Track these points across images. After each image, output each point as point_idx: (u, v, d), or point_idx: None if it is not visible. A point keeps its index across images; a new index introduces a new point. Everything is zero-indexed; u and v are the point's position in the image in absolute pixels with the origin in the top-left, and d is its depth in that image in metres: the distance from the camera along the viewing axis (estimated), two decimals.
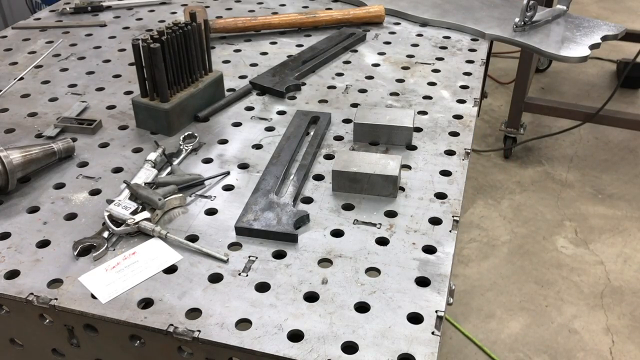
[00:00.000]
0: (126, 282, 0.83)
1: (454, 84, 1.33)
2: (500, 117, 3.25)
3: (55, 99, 1.30)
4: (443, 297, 0.81)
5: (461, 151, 1.10)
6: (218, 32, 1.55)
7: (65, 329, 0.83)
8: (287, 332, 0.76)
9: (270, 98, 1.30)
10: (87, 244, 0.89)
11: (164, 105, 1.15)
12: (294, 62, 1.41)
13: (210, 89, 1.24)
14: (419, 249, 0.89)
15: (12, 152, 1.00)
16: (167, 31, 1.12)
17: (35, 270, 0.86)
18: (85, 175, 1.06)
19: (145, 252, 0.89)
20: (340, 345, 0.74)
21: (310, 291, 0.82)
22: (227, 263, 0.87)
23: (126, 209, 0.93)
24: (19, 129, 1.20)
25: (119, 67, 1.43)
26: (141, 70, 1.14)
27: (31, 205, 0.99)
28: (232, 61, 1.46)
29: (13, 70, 1.43)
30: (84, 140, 1.16)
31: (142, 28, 1.63)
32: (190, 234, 0.92)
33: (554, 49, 1.51)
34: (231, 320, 0.77)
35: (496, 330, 2.17)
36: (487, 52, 1.51)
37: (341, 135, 1.17)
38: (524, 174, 2.98)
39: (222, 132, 1.19)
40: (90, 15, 1.71)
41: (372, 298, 0.81)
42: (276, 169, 1.05)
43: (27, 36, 1.59)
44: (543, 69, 3.71)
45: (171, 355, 0.78)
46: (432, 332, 0.76)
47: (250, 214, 0.93)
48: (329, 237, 0.91)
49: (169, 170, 1.05)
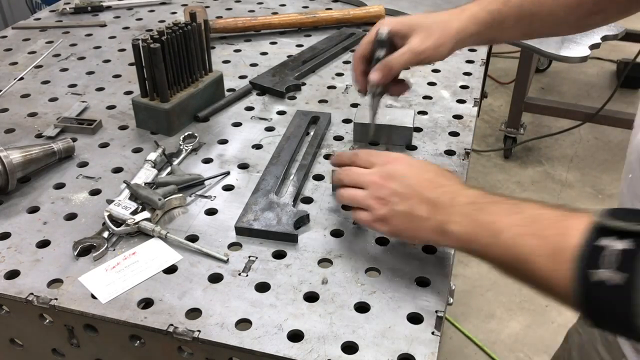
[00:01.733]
0: (126, 282, 0.83)
1: (454, 84, 1.33)
2: (500, 117, 3.25)
3: (55, 99, 1.30)
4: (443, 297, 0.81)
5: (461, 151, 1.10)
6: (218, 32, 1.55)
7: (65, 329, 0.83)
8: (287, 332, 0.76)
9: (270, 98, 1.30)
10: (87, 244, 0.89)
11: (164, 105, 1.15)
12: (294, 62, 1.41)
13: (210, 89, 1.24)
14: (419, 249, 0.88)
15: (12, 152, 1.00)
16: (167, 31, 1.12)
17: (35, 270, 0.86)
18: (85, 175, 1.06)
19: (145, 252, 0.89)
20: (340, 345, 0.74)
21: (310, 291, 0.82)
22: (227, 263, 0.87)
23: (126, 209, 0.93)
24: (19, 129, 1.20)
25: (119, 67, 1.43)
26: (141, 70, 1.14)
27: (31, 205, 0.99)
28: (232, 61, 1.46)
29: (13, 70, 1.43)
30: (84, 140, 1.16)
31: (142, 28, 1.63)
32: (190, 234, 0.92)
33: (554, 49, 1.51)
34: (231, 320, 0.77)
35: (496, 330, 2.17)
36: (487, 52, 1.51)
37: (341, 135, 1.17)
38: (524, 174, 2.98)
39: (222, 132, 1.19)
40: (90, 15, 1.71)
41: (372, 298, 0.81)
42: (276, 169, 1.05)
43: (27, 36, 1.59)
44: (543, 69, 3.71)
45: (171, 355, 0.79)
46: (432, 332, 0.76)
47: (250, 214, 0.93)
48: (329, 237, 0.91)
49: (169, 170, 1.05)
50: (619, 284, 0.54)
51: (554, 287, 0.62)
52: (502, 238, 0.67)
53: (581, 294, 0.58)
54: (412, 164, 0.83)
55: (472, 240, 0.71)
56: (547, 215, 0.65)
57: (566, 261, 0.58)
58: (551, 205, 0.67)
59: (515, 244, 0.65)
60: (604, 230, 0.56)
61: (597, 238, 0.57)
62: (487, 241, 0.69)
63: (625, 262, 0.54)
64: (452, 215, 0.74)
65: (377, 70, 0.94)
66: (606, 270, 0.54)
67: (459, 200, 0.75)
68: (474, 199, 0.74)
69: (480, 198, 0.74)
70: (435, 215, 0.76)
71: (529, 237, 0.64)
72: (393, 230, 0.81)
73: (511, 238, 0.66)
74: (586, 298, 0.58)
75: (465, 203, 0.74)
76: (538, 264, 0.63)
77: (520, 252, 0.65)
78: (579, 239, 0.58)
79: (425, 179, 0.80)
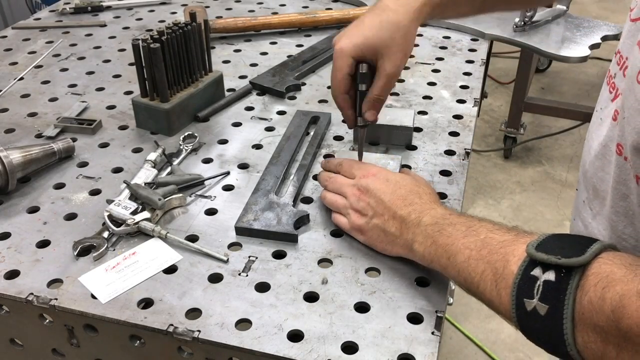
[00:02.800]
0: (126, 282, 0.83)
1: (454, 84, 1.33)
2: (500, 117, 3.25)
3: (55, 99, 1.30)
4: (443, 297, 0.81)
5: (461, 151, 1.10)
6: (218, 32, 1.55)
7: (65, 329, 0.83)
8: (287, 332, 0.76)
9: (270, 98, 1.30)
10: (87, 244, 0.89)
11: (164, 105, 1.15)
12: (294, 62, 1.41)
13: (210, 89, 1.24)
14: None
15: (12, 152, 1.00)
16: (167, 31, 1.12)
17: (35, 270, 0.86)
18: (85, 175, 1.06)
19: (145, 252, 0.89)
20: (340, 345, 0.74)
21: (310, 291, 0.82)
22: (227, 263, 0.87)
23: (126, 209, 0.93)
24: (19, 129, 1.20)
25: (119, 67, 1.43)
26: (141, 70, 1.14)
27: (31, 205, 0.99)
28: (232, 61, 1.46)
29: (13, 70, 1.43)
30: (84, 140, 1.16)
31: (142, 28, 1.63)
32: (190, 234, 0.92)
33: (554, 49, 1.51)
34: (231, 320, 0.77)
35: (496, 330, 2.17)
36: (487, 52, 1.51)
37: (341, 135, 1.17)
38: (524, 174, 2.98)
39: (222, 132, 1.19)
40: (90, 15, 1.71)
41: (372, 298, 0.81)
42: (276, 169, 1.05)
43: (27, 36, 1.59)
44: (543, 69, 3.71)
45: (171, 355, 0.78)
46: (432, 332, 0.76)
47: (250, 214, 0.93)
48: (329, 237, 0.91)
49: (169, 170, 1.05)
50: (545, 315, 0.56)
51: (500, 311, 0.65)
52: (456, 260, 0.70)
53: (518, 321, 0.61)
54: (389, 179, 0.86)
55: (433, 260, 0.75)
56: (496, 240, 0.67)
57: (507, 287, 0.61)
58: (503, 228, 0.69)
59: (467, 267, 0.68)
60: (534, 261, 0.58)
61: (532, 267, 0.59)
62: (444, 262, 0.73)
63: (546, 293, 0.56)
64: (416, 235, 0.78)
65: (371, 110, 0.93)
66: (537, 301, 0.57)
67: (424, 220, 0.78)
68: (437, 219, 0.77)
69: (442, 219, 0.77)
70: (404, 233, 0.80)
71: (478, 262, 0.67)
72: (368, 241, 0.86)
73: (464, 261, 0.69)
74: (522, 326, 0.61)
75: (429, 224, 0.77)
76: (483, 288, 0.66)
77: (471, 276, 0.68)
78: (517, 267, 0.60)
79: (398, 196, 0.83)
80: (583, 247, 0.56)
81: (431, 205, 0.81)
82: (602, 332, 0.52)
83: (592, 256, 0.54)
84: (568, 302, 0.54)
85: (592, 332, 0.53)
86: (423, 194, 0.84)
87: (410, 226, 0.79)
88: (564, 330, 0.55)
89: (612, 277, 0.52)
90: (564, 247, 0.57)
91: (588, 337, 0.54)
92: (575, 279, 0.54)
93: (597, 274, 0.53)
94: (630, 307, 0.49)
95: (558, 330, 0.55)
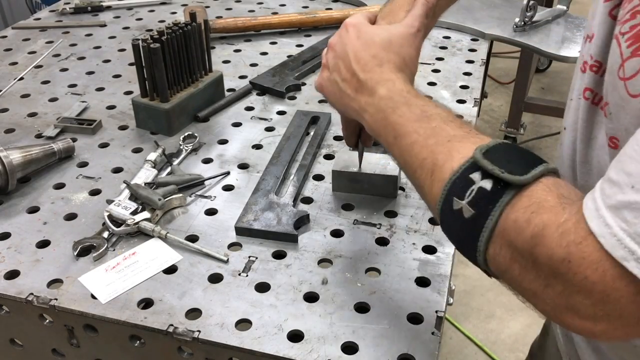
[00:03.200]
0: (126, 282, 0.83)
1: (454, 84, 1.33)
2: (500, 117, 3.25)
3: (55, 99, 1.30)
4: (443, 297, 0.81)
5: None
6: (218, 32, 1.55)
7: (65, 329, 0.83)
8: (287, 332, 0.76)
9: (270, 98, 1.30)
10: (87, 244, 0.89)
11: (164, 105, 1.15)
12: (294, 62, 1.41)
13: (210, 89, 1.24)
14: (419, 249, 0.89)
15: (12, 152, 1.00)
16: (167, 31, 1.12)
17: (35, 271, 0.86)
18: (85, 175, 1.06)
19: (145, 252, 0.89)
20: (340, 346, 0.74)
21: (310, 291, 0.82)
22: (227, 263, 0.87)
23: (126, 209, 0.93)
24: (19, 129, 1.20)
25: (119, 67, 1.43)
26: (141, 70, 1.14)
27: (31, 205, 0.99)
28: (232, 61, 1.46)
29: (13, 70, 1.43)
30: (84, 140, 1.16)
31: (142, 28, 1.63)
32: (190, 234, 0.92)
33: (554, 49, 1.51)
34: (231, 321, 0.77)
35: (496, 330, 2.17)
36: (487, 52, 1.51)
37: (341, 135, 1.16)
38: None
39: (222, 132, 1.19)
40: (90, 15, 1.71)
41: (372, 298, 0.81)
42: (276, 169, 1.05)
43: (27, 36, 1.59)
44: (543, 69, 3.71)
45: (171, 355, 0.78)
46: (432, 332, 0.76)
47: (250, 214, 0.93)
48: (329, 237, 0.91)
49: (169, 170, 1.05)
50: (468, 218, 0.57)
51: (427, 200, 0.65)
52: (402, 142, 0.69)
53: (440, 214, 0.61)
54: (361, 33, 0.79)
55: (380, 135, 0.73)
56: (446, 132, 0.66)
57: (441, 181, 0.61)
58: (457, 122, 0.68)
59: (410, 151, 0.67)
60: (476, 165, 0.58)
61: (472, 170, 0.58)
62: (390, 141, 0.71)
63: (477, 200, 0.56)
64: (368, 106, 0.74)
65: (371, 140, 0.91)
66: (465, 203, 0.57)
67: (379, 92, 0.74)
68: (394, 94, 0.73)
69: (399, 95, 0.73)
70: (357, 97, 0.76)
71: (422, 149, 0.66)
72: (327, 97, 0.81)
73: (409, 145, 0.68)
74: (442, 220, 0.61)
75: (383, 97, 0.73)
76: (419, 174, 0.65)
77: (412, 160, 0.67)
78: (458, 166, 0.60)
79: (365, 55, 0.77)
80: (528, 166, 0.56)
81: (390, 76, 0.75)
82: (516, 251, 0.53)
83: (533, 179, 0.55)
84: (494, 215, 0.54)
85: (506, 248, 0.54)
86: (386, 62, 0.77)
87: (364, 93, 0.75)
88: (480, 238, 0.56)
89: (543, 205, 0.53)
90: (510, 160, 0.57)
91: (500, 251, 0.55)
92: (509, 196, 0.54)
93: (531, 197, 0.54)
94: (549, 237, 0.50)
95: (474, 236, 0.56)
